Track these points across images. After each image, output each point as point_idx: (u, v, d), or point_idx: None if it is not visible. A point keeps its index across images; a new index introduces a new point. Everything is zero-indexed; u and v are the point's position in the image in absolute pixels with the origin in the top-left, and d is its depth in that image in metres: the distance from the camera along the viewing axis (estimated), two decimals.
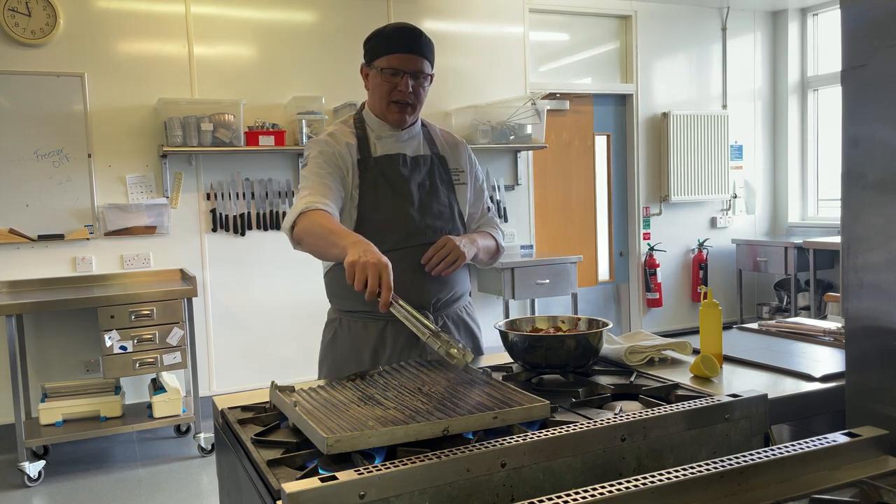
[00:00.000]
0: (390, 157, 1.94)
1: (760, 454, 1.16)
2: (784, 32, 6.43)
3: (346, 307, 1.99)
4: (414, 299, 1.80)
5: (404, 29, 1.91)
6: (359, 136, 1.96)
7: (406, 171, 1.94)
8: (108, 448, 4.26)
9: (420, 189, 1.95)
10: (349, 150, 1.93)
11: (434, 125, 2.11)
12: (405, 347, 1.92)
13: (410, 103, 1.92)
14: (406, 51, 1.87)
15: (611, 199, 6.11)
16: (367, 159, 1.93)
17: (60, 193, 4.27)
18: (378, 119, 1.97)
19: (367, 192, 1.91)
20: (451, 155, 2.05)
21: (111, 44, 4.37)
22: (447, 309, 1.99)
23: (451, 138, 2.10)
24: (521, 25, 5.45)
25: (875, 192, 1.34)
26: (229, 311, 4.70)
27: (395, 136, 1.97)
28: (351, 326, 1.98)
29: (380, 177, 1.92)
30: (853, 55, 1.37)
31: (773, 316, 6.17)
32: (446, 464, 1.09)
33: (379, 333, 1.94)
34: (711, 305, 1.79)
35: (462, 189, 2.04)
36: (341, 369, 1.95)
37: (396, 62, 1.87)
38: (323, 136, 1.98)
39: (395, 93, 1.89)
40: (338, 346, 2.00)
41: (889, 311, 1.33)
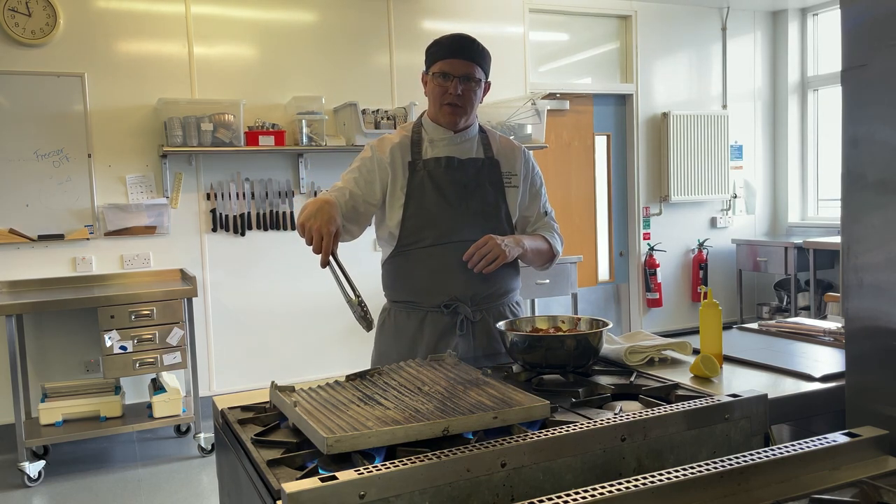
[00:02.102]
0: (437, 160, 2.06)
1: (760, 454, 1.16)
2: (784, 32, 6.43)
3: (393, 297, 2.13)
4: (451, 292, 2.01)
5: (457, 36, 2.03)
6: (413, 140, 2.09)
7: (452, 172, 2.05)
8: (108, 448, 4.26)
9: (465, 190, 2.05)
10: (395, 155, 2.06)
11: (494, 132, 2.21)
12: (441, 338, 2.03)
13: (460, 105, 2.02)
14: (456, 56, 1.99)
15: (611, 199, 6.11)
16: (416, 161, 2.06)
17: (60, 193, 4.27)
18: (433, 124, 2.09)
19: (413, 192, 2.04)
20: (505, 159, 2.13)
21: (111, 44, 4.37)
22: (488, 304, 2.07)
23: (508, 144, 2.19)
24: (521, 25, 5.46)
25: (875, 192, 1.34)
26: (229, 311, 4.70)
27: (447, 140, 2.08)
28: (396, 316, 2.11)
29: (426, 177, 2.04)
30: (853, 55, 1.37)
31: (773, 316, 6.17)
32: (446, 464, 1.09)
33: (418, 323, 2.05)
34: (711, 305, 1.79)
35: (513, 192, 2.12)
36: (386, 356, 2.09)
37: (447, 67, 1.99)
38: (375, 141, 2.13)
39: (446, 96, 2.00)
40: (385, 332, 2.13)
41: (889, 311, 1.33)
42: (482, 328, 2.05)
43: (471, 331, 2.04)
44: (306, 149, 4.58)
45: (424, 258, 2.01)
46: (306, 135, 4.54)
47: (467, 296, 2.03)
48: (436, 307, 2.03)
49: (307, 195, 4.81)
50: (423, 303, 2.05)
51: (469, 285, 2.02)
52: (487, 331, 2.06)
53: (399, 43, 5.05)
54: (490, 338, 2.06)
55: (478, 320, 2.04)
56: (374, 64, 5.00)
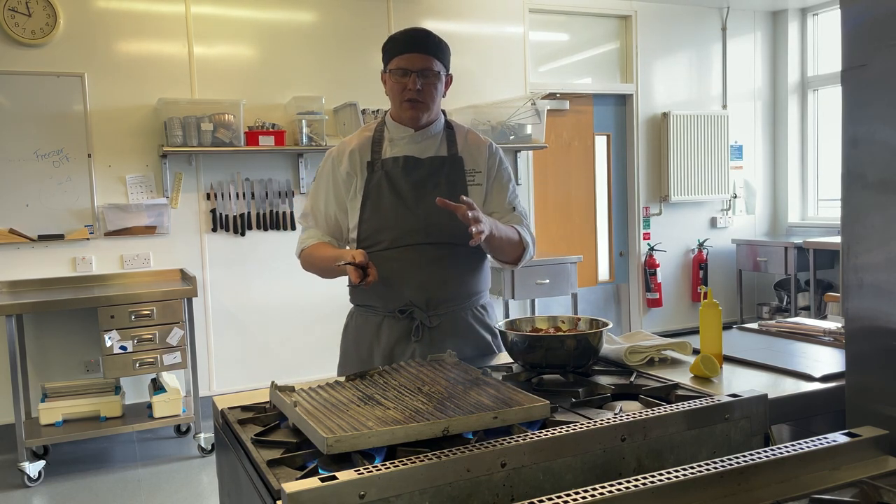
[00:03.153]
0: (395, 159, 2.01)
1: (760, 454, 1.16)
2: (784, 32, 6.43)
3: (354, 300, 2.12)
4: (407, 297, 1.96)
5: (412, 30, 1.98)
6: (374, 140, 2.04)
7: (409, 171, 1.99)
8: (108, 448, 4.26)
9: (423, 189, 1.98)
10: (353, 159, 2.02)
11: (463, 127, 2.14)
12: (397, 345, 1.99)
13: (421, 101, 1.96)
14: (412, 50, 1.94)
15: (611, 199, 6.11)
16: (375, 161, 2.02)
17: (60, 193, 4.27)
18: (395, 122, 2.04)
19: (370, 193, 2.00)
20: (470, 156, 2.07)
21: (111, 44, 4.37)
22: (446, 309, 1.99)
23: (475, 139, 2.12)
24: (521, 25, 5.45)
25: (875, 192, 1.34)
26: (229, 311, 4.69)
27: (408, 139, 2.02)
28: (357, 319, 2.09)
29: (383, 178, 1.99)
30: (853, 55, 1.37)
31: (773, 316, 6.17)
32: (446, 464, 1.09)
33: (375, 328, 2.03)
34: (711, 305, 1.79)
35: (476, 190, 2.04)
36: (347, 359, 2.09)
37: (404, 62, 1.94)
38: (335, 148, 2.10)
39: (405, 92, 1.95)
40: (348, 336, 2.12)
41: (889, 311, 1.33)
42: (440, 334, 1.97)
43: (428, 337, 1.96)
44: (306, 149, 4.58)
45: (380, 262, 1.91)
46: (306, 135, 4.54)
47: (422, 301, 1.96)
48: (391, 312, 1.99)
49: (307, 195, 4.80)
50: (379, 307, 2.01)
51: (424, 290, 1.96)
52: (445, 335, 1.97)
53: None
54: (450, 342, 1.94)
55: (434, 326, 1.97)
56: (374, 64, 4.97)
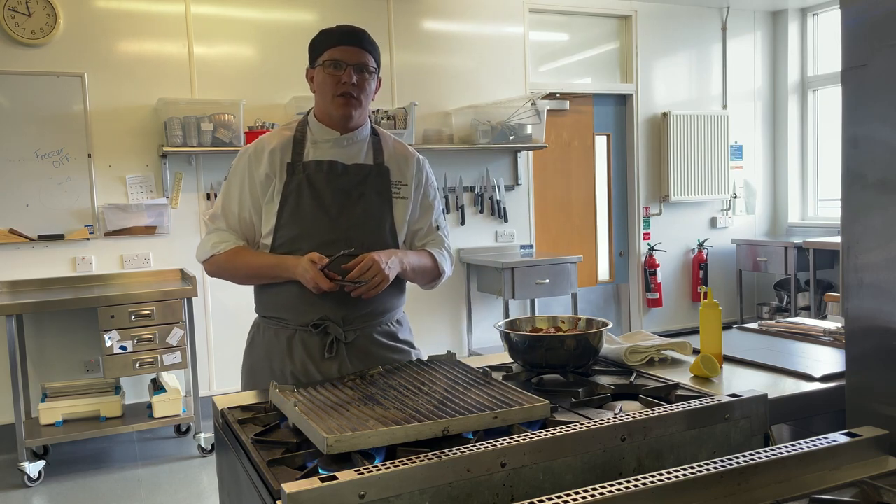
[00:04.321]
0: (319, 164, 1.88)
1: (760, 454, 1.16)
2: (784, 32, 6.43)
3: (263, 311, 1.99)
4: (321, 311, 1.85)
5: (347, 25, 1.91)
6: (295, 139, 1.91)
7: (334, 178, 1.88)
8: (108, 448, 4.26)
9: (347, 198, 1.88)
10: (273, 159, 1.88)
11: (388, 135, 2.04)
12: (311, 360, 1.86)
13: (355, 96, 1.85)
14: (348, 43, 1.85)
15: (611, 199, 6.11)
16: (296, 164, 1.88)
17: (60, 193, 4.27)
18: (320, 124, 1.91)
19: (288, 197, 1.86)
20: (396, 166, 1.96)
21: (111, 44, 4.37)
22: (361, 325, 1.89)
23: (402, 150, 2.02)
24: (521, 25, 5.45)
25: (875, 192, 1.34)
26: (229, 311, 4.69)
27: (331, 143, 1.91)
28: (266, 333, 1.95)
29: (304, 182, 1.86)
30: (853, 55, 1.37)
31: (773, 316, 6.17)
32: (446, 464, 1.09)
33: (287, 341, 1.89)
34: (711, 305, 1.79)
35: (401, 203, 1.95)
36: (257, 375, 1.93)
37: (339, 54, 1.83)
38: (252, 145, 1.94)
39: (339, 86, 1.83)
40: (254, 350, 1.98)
41: (889, 311, 1.33)
42: (356, 350, 1.87)
43: (343, 353, 1.86)
44: None
45: None
46: None
47: (339, 316, 1.85)
48: (304, 326, 1.86)
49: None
50: (290, 320, 1.88)
51: (341, 305, 1.84)
52: (363, 352, 1.88)
53: (399, 43, 5.05)
54: (366, 359, 1.86)
55: (350, 341, 1.86)
56: None
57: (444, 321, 5.29)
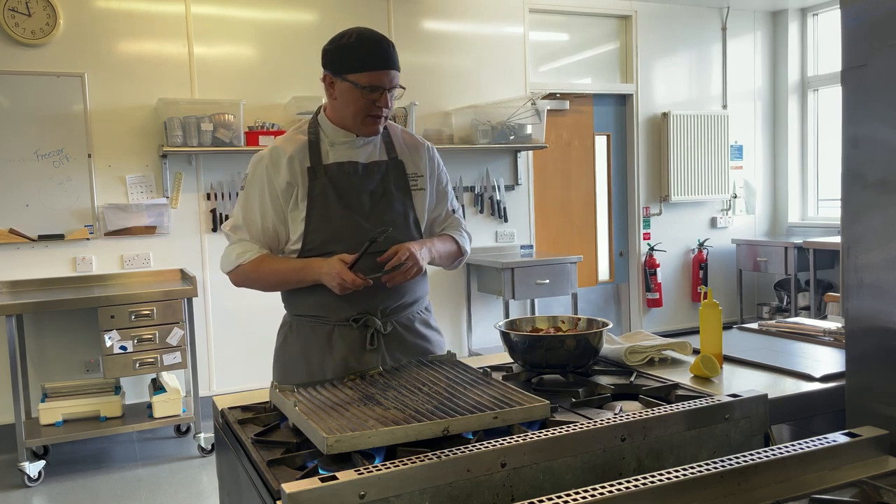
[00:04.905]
0: (340, 165, 1.89)
1: (760, 454, 1.16)
2: (784, 32, 6.43)
3: (296, 311, 1.99)
4: (360, 305, 1.88)
5: (377, 43, 1.84)
6: (311, 143, 1.91)
7: (357, 179, 1.89)
8: (108, 448, 4.26)
9: (371, 197, 1.91)
10: (293, 164, 1.89)
11: (396, 126, 2.06)
12: (352, 353, 1.89)
13: (385, 116, 1.89)
14: (384, 67, 1.82)
15: (611, 199, 6.11)
16: (316, 167, 1.88)
17: (60, 193, 4.27)
18: (335, 126, 1.91)
19: (315, 202, 1.87)
20: (409, 158, 1.99)
21: (111, 44, 4.37)
22: (397, 315, 1.95)
23: (412, 140, 2.04)
24: (521, 25, 5.45)
25: (875, 192, 1.34)
26: (229, 311, 4.69)
27: (349, 143, 1.92)
28: (300, 331, 1.96)
29: (329, 186, 1.87)
30: (853, 55, 1.37)
31: (773, 316, 6.17)
32: (446, 464, 1.09)
33: (326, 338, 1.91)
34: (711, 305, 1.79)
35: (420, 195, 1.99)
36: (292, 373, 1.94)
37: (377, 80, 1.81)
38: (266, 152, 1.93)
39: (374, 108, 1.84)
40: (288, 349, 1.99)
41: (889, 311, 1.33)
42: (394, 340, 1.93)
43: (382, 344, 1.91)
44: None
45: None
46: None
47: (377, 308, 1.89)
48: (344, 321, 1.90)
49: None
50: (329, 317, 1.91)
51: (379, 297, 1.88)
52: (401, 342, 1.94)
53: (399, 43, 4.99)
54: (403, 348, 1.93)
55: (388, 332, 1.91)
56: None
57: (445, 321, 5.29)
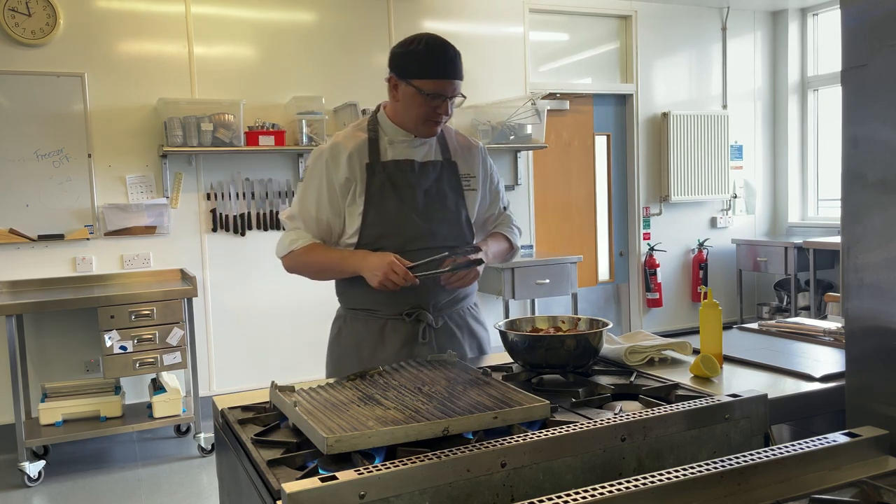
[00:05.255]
0: (398, 163, 1.96)
1: (760, 454, 1.16)
2: (784, 32, 6.43)
3: (351, 305, 2.05)
4: (414, 301, 1.95)
5: (443, 51, 1.90)
6: (370, 140, 1.97)
7: (413, 177, 1.96)
8: (108, 448, 4.26)
9: (426, 195, 1.97)
10: (352, 160, 1.95)
11: (450, 128, 2.12)
12: (404, 347, 1.96)
13: (443, 122, 1.96)
14: (449, 76, 1.89)
15: (611, 199, 6.11)
16: (375, 164, 1.95)
17: (60, 193, 4.27)
18: (394, 125, 1.98)
19: (372, 197, 1.94)
20: (463, 160, 2.06)
21: (111, 44, 4.37)
22: (448, 310, 2.03)
23: (465, 142, 2.11)
24: (521, 25, 5.45)
25: (875, 192, 1.34)
26: (229, 311, 4.69)
27: (407, 142, 1.99)
28: (354, 324, 2.03)
29: (386, 182, 1.94)
30: (853, 55, 1.37)
31: (773, 316, 6.17)
32: (446, 464, 1.09)
33: (379, 331, 1.98)
34: (711, 305, 1.79)
35: (472, 195, 2.06)
36: (344, 365, 2.01)
37: (441, 88, 1.88)
38: (326, 147, 1.99)
39: (434, 114, 1.91)
40: (342, 342, 2.06)
41: (889, 311, 1.33)
42: (444, 334, 2.00)
43: (433, 338, 1.98)
44: (306, 149, 4.58)
45: None
46: (306, 135, 4.54)
47: (429, 303, 1.97)
48: (397, 315, 1.97)
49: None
50: (382, 311, 1.98)
51: (431, 293, 1.96)
52: (451, 336, 2.01)
53: None
54: (454, 343, 2.01)
55: (440, 326, 1.99)
56: (374, 64, 4.99)
57: None
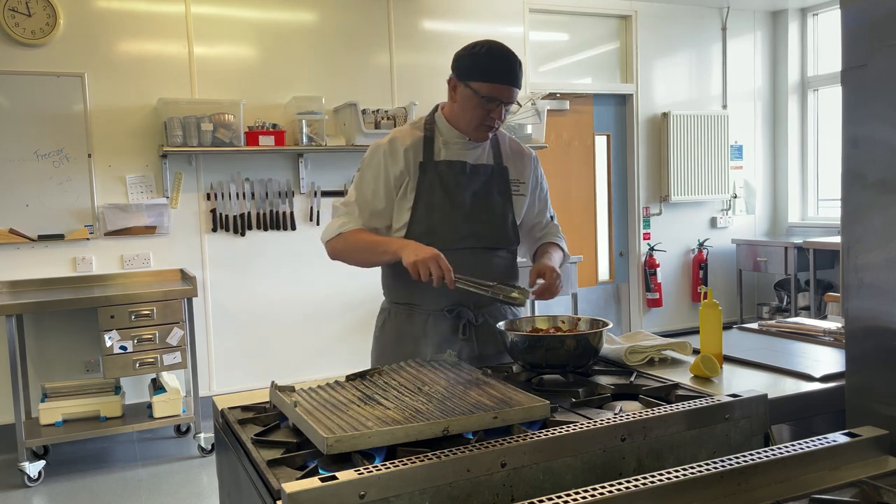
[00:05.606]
0: (450, 164, 2.01)
1: (760, 454, 1.16)
2: (784, 32, 6.43)
3: (395, 298, 2.10)
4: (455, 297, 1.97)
5: (504, 58, 1.94)
6: (426, 139, 2.03)
7: (464, 178, 2.01)
8: (108, 448, 4.26)
9: (474, 197, 2.02)
10: (407, 157, 2.00)
11: (504, 134, 2.16)
12: (444, 342, 1.99)
13: (496, 127, 1.99)
14: (508, 83, 1.92)
15: (611, 199, 6.11)
16: (428, 163, 2.01)
17: (60, 193, 4.27)
18: (450, 126, 2.03)
19: (422, 194, 1.99)
20: (513, 166, 2.11)
21: (111, 44, 4.37)
22: (487, 307, 2.07)
23: (518, 148, 2.16)
24: (521, 25, 5.45)
25: (875, 192, 1.34)
26: (229, 311, 4.69)
27: (461, 144, 2.03)
28: (397, 317, 2.08)
29: (437, 181, 1.99)
30: (853, 55, 1.37)
31: (773, 316, 6.16)
32: (446, 464, 1.09)
33: (421, 325, 2.03)
34: (711, 305, 1.79)
35: (520, 200, 2.11)
36: (387, 357, 2.04)
37: (497, 92, 1.91)
38: (385, 141, 2.04)
39: (487, 118, 1.95)
40: (386, 334, 2.10)
41: (889, 311, 1.33)
42: (484, 331, 2.04)
43: (473, 334, 2.03)
44: (306, 149, 4.58)
45: None
46: (306, 135, 4.54)
47: (470, 301, 2.00)
48: (438, 311, 2.01)
49: (307, 195, 4.82)
50: (425, 306, 2.03)
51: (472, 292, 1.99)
52: (490, 333, 2.04)
53: (399, 43, 5.05)
54: (493, 341, 2.04)
55: (480, 323, 2.04)
56: (374, 64, 4.99)
57: None
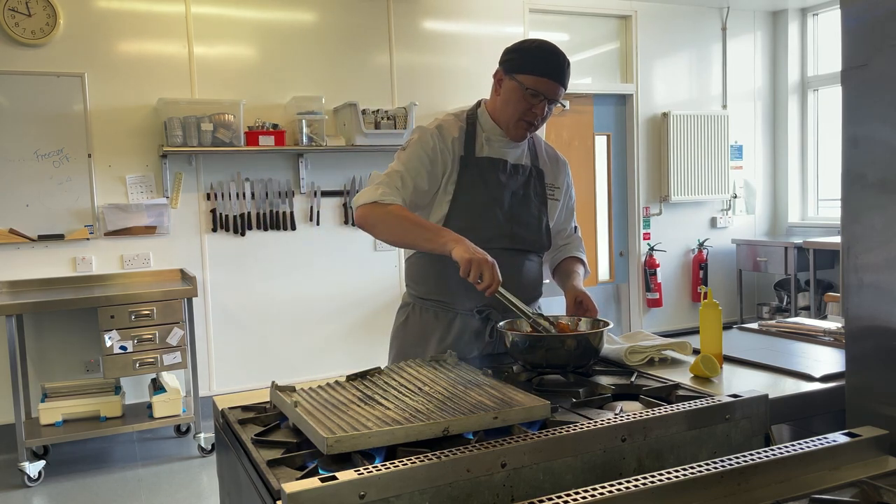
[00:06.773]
0: (492, 161, 1.99)
1: (760, 454, 1.16)
2: (784, 32, 6.43)
3: (421, 294, 2.06)
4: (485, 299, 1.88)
5: (555, 54, 1.92)
6: (467, 133, 2.00)
7: (504, 177, 1.99)
8: (108, 448, 4.26)
9: (513, 197, 2.00)
10: (452, 146, 1.97)
11: (540, 138, 2.16)
12: (470, 342, 1.98)
13: (536, 125, 1.96)
14: (553, 78, 1.90)
15: (611, 199, 6.11)
16: (469, 157, 1.98)
17: (60, 193, 4.27)
18: (493, 122, 2.01)
19: (462, 189, 1.96)
20: (549, 170, 2.11)
21: (111, 44, 4.37)
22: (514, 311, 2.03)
23: (553, 154, 2.16)
24: (521, 25, 5.45)
25: (875, 192, 1.34)
26: (229, 311, 4.69)
27: (503, 142, 2.01)
28: (423, 313, 2.05)
29: (478, 177, 1.97)
30: (853, 55, 1.37)
31: (773, 316, 6.16)
32: (446, 464, 1.09)
33: (448, 323, 2.00)
34: (711, 305, 1.79)
35: (553, 204, 2.11)
36: (409, 352, 2.02)
37: (541, 86, 1.89)
38: (432, 126, 2.00)
39: (529, 113, 1.92)
40: (408, 330, 2.07)
41: (889, 311, 1.33)
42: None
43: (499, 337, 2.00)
44: (306, 149, 4.58)
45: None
46: (306, 135, 4.54)
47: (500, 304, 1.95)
48: (467, 311, 1.99)
49: (307, 195, 4.82)
50: (453, 305, 1.99)
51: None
52: None
53: (399, 43, 5.05)
54: None
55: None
56: (374, 64, 4.99)
57: None
